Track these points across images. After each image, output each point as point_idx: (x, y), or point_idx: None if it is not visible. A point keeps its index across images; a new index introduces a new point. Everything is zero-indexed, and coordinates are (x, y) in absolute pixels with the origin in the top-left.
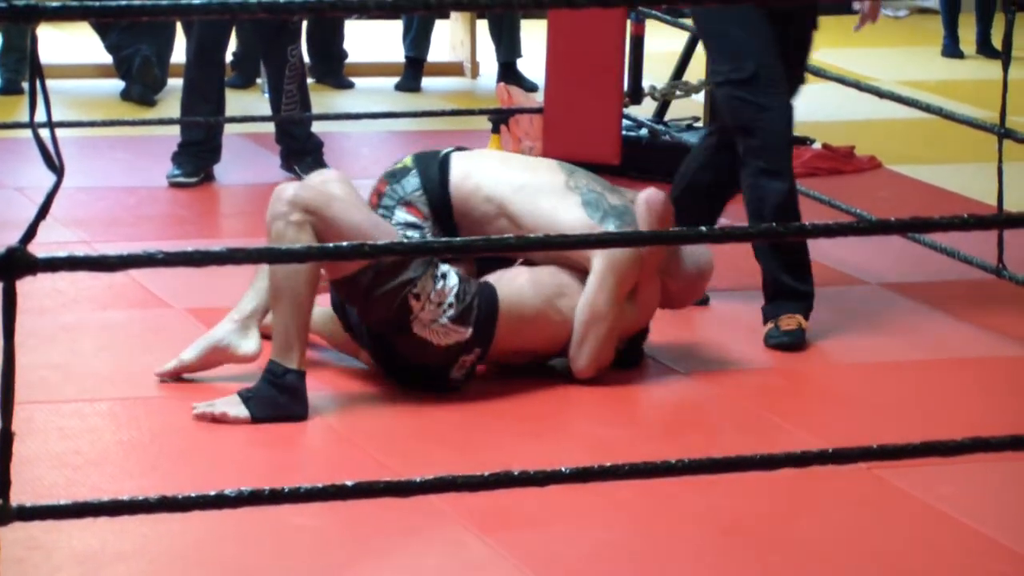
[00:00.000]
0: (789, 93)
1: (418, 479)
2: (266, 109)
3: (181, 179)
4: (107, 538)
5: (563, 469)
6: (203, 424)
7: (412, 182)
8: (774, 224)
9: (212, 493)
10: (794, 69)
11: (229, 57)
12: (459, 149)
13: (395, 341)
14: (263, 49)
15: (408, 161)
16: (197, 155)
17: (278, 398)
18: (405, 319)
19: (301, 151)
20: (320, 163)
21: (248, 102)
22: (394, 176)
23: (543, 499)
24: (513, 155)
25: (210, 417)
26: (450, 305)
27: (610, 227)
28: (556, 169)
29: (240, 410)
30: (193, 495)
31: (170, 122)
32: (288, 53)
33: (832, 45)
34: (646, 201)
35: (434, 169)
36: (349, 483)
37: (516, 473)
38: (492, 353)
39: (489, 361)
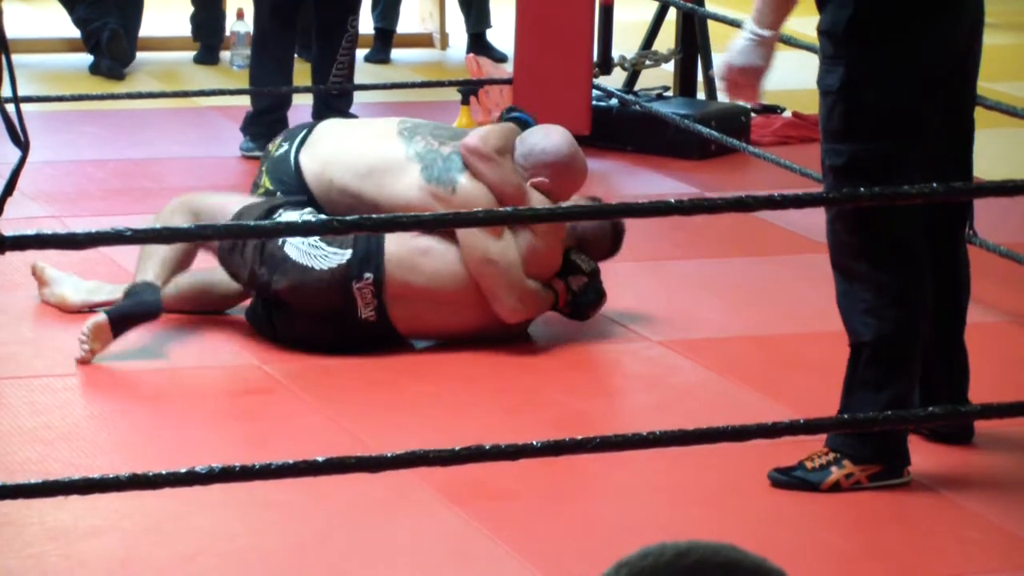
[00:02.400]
0: None
1: (389, 454)
2: (227, 84)
3: (257, 152)
4: (79, 513)
5: (534, 443)
6: (174, 398)
7: (279, 197)
8: (743, 197)
9: (183, 470)
10: None
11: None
12: (308, 134)
13: (282, 285)
14: (323, 18)
15: (266, 180)
16: (270, 125)
17: (126, 301)
18: (280, 251)
19: None
20: None
21: (214, 78)
22: (265, 195)
23: (516, 472)
24: (354, 128)
25: (88, 353)
26: None
27: (458, 179)
28: (395, 138)
29: (99, 318)
30: (164, 472)
31: (139, 96)
32: (348, 23)
33: (802, 14)
34: (463, 147)
35: (289, 177)
36: (320, 459)
37: (488, 447)
38: (391, 287)
39: (391, 297)
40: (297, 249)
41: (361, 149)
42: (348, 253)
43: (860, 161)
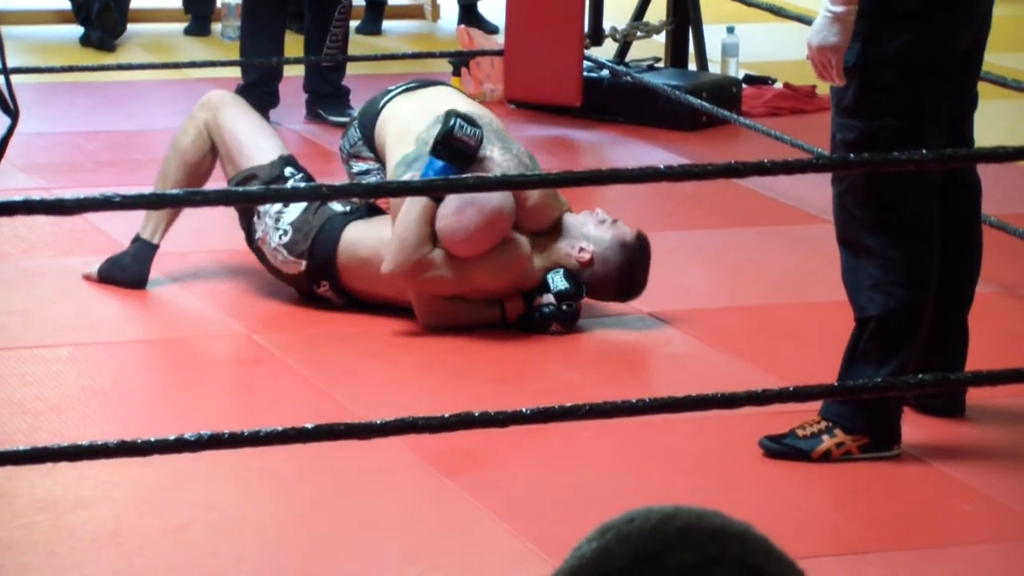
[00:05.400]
0: None
1: (379, 421)
2: (219, 55)
3: None
4: (69, 484)
5: (524, 410)
6: (164, 369)
7: (354, 134)
8: (733, 163)
9: (172, 437)
10: None
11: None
12: (412, 89)
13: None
14: None
15: (356, 112)
16: (260, 96)
17: (123, 260)
18: (252, 235)
19: (330, 95)
20: (347, 107)
21: (205, 49)
22: (344, 132)
23: (506, 441)
24: (436, 96)
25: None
26: (285, 232)
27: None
28: (431, 118)
29: (92, 268)
30: (153, 439)
31: (129, 68)
32: None
33: None
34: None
35: (369, 117)
36: (310, 426)
37: (477, 414)
38: (350, 288)
39: (353, 295)
40: (263, 240)
41: (419, 111)
42: (303, 264)
43: (872, 137)
